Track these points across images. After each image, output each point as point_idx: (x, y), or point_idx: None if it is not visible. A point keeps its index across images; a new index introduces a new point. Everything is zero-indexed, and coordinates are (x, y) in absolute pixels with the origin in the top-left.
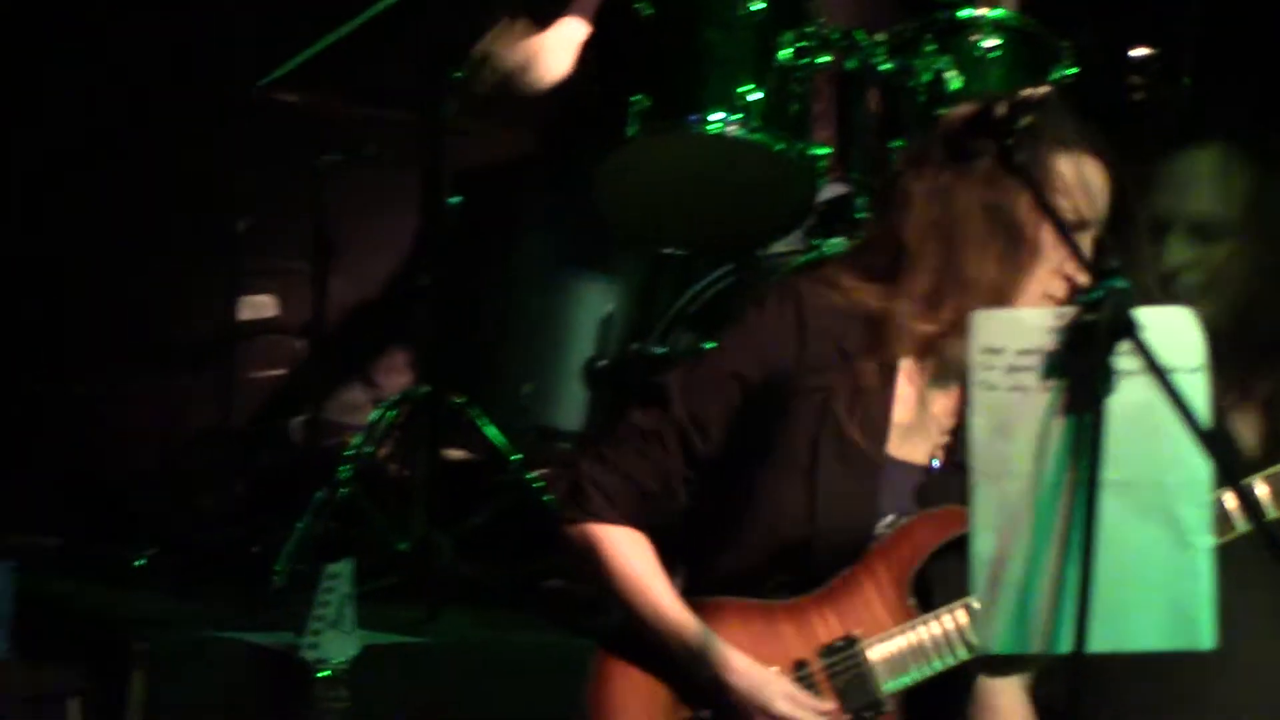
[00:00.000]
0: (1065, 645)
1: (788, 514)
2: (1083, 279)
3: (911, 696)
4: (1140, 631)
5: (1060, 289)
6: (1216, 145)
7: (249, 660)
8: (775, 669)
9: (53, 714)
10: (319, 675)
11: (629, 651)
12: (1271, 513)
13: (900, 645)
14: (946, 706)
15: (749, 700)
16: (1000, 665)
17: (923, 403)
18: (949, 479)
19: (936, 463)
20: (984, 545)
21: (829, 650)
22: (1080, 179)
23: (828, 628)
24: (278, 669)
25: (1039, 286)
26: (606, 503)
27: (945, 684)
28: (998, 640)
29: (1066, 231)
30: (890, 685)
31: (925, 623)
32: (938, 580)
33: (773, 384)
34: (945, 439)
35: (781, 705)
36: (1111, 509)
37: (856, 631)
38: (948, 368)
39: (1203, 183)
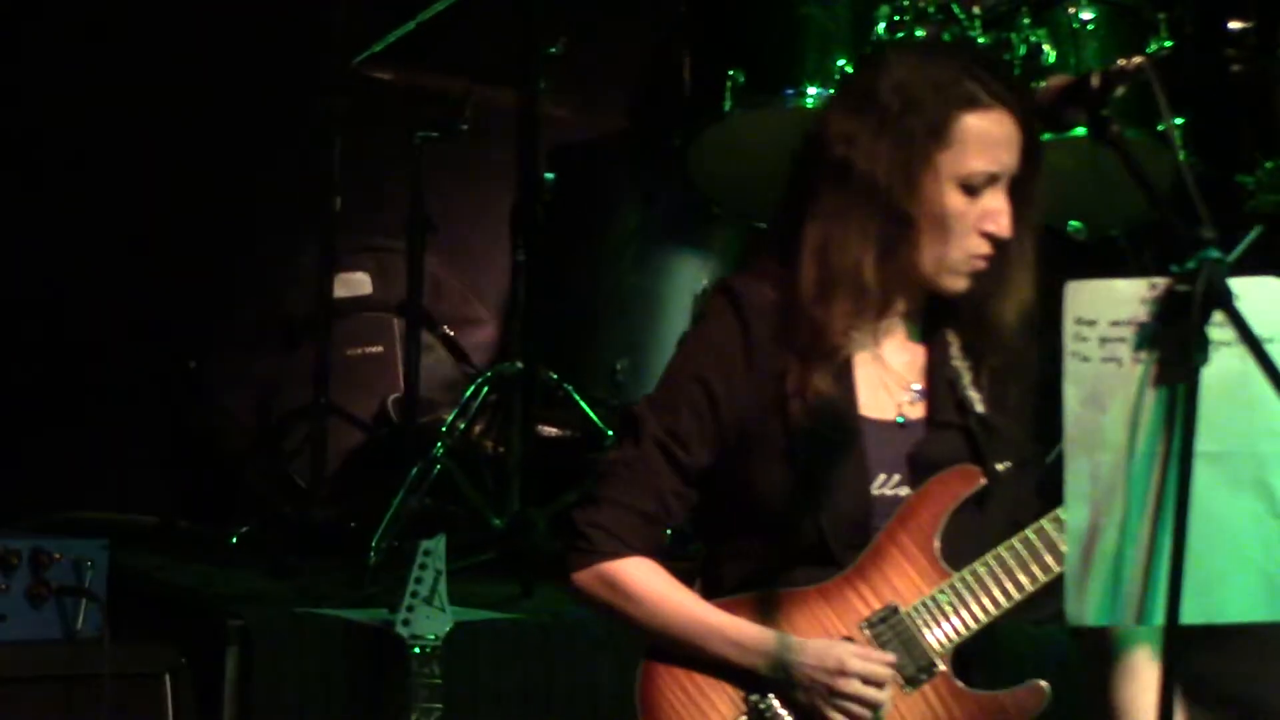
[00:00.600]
0: (1158, 617)
1: (784, 501)
2: (1004, 231)
3: (961, 653)
4: (1233, 603)
5: (979, 247)
6: None
7: (344, 637)
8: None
9: (148, 692)
10: (413, 651)
11: (674, 659)
12: None
13: (941, 604)
14: (995, 656)
15: (820, 668)
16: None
17: (880, 360)
18: (939, 437)
19: (902, 419)
20: (1077, 517)
21: (872, 622)
22: (998, 130)
23: (866, 602)
24: (372, 646)
25: (946, 252)
26: (609, 538)
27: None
28: (1091, 612)
29: (1159, 200)
30: (939, 645)
31: (962, 579)
32: (961, 538)
33: (734, 380)
34: (909, 395)
35: (855, 663)
36: (1205, 480)
37: (894, 600)
38: (906, 327)
39: None
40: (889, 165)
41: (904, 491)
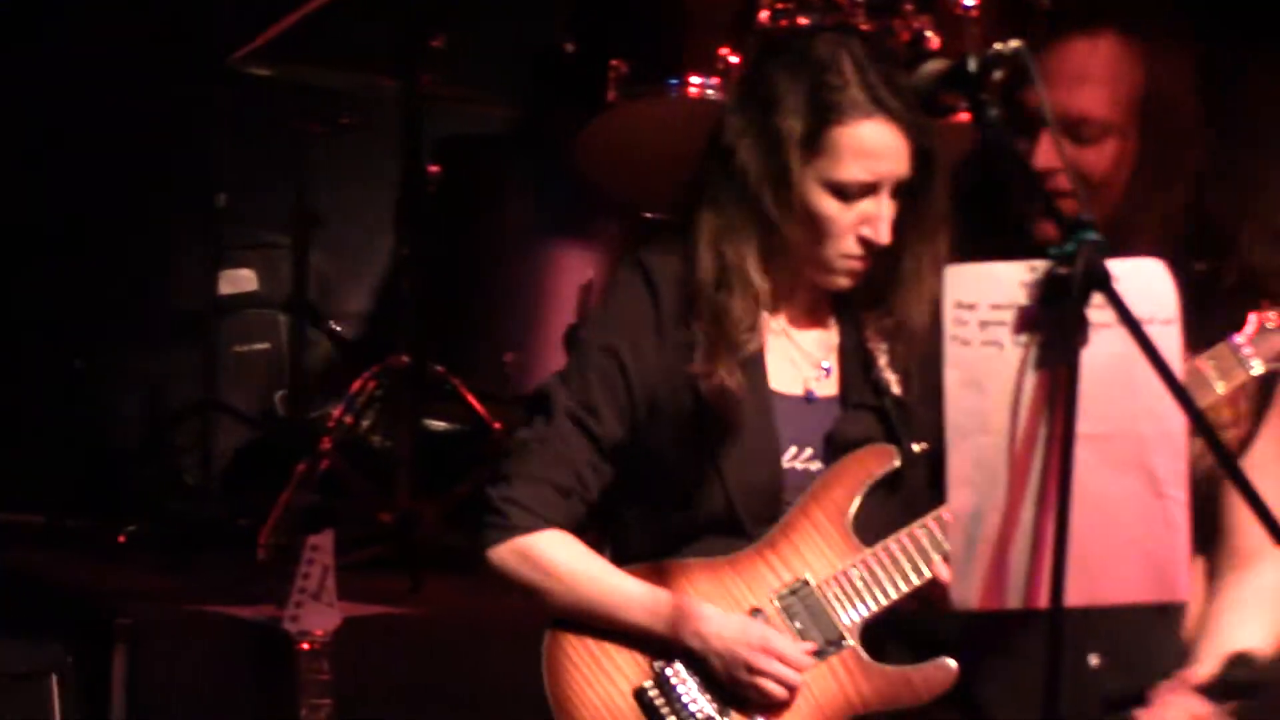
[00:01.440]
0: (1043, 600)
1: (693, 471)
2: (880, 238)
3: (870, 628)
4: (1116, 585)
5: (853, 249)
6: (1107, 38)
7: (232, 634)
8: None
9: (34, 691)
10: (301, 648)
11: (580, 627)
12: None
13: (853, 579)
14: (905, 633)
15: (743, 642)
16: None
17: (789, 336)
18: (854, 416)
19: (810, 395)
20: (960, 501)
21: (782, 594)
22: (873, 141)
23: (776, 574)
24: (261, 642)
25: (821, 253)
26: (525, 513)
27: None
28: (975, 596)
29: (1035, 183)
30: (849, 619)
31: (874, 554)
32: (874, 516)
33: (643, 350)
34: (818, 372)
35: (778, 642)
36: (1086, 462)
37: (806, 573)
38: (818, 304)
39: (1089, 80)
40: (761, 166)
41: (816, 466)
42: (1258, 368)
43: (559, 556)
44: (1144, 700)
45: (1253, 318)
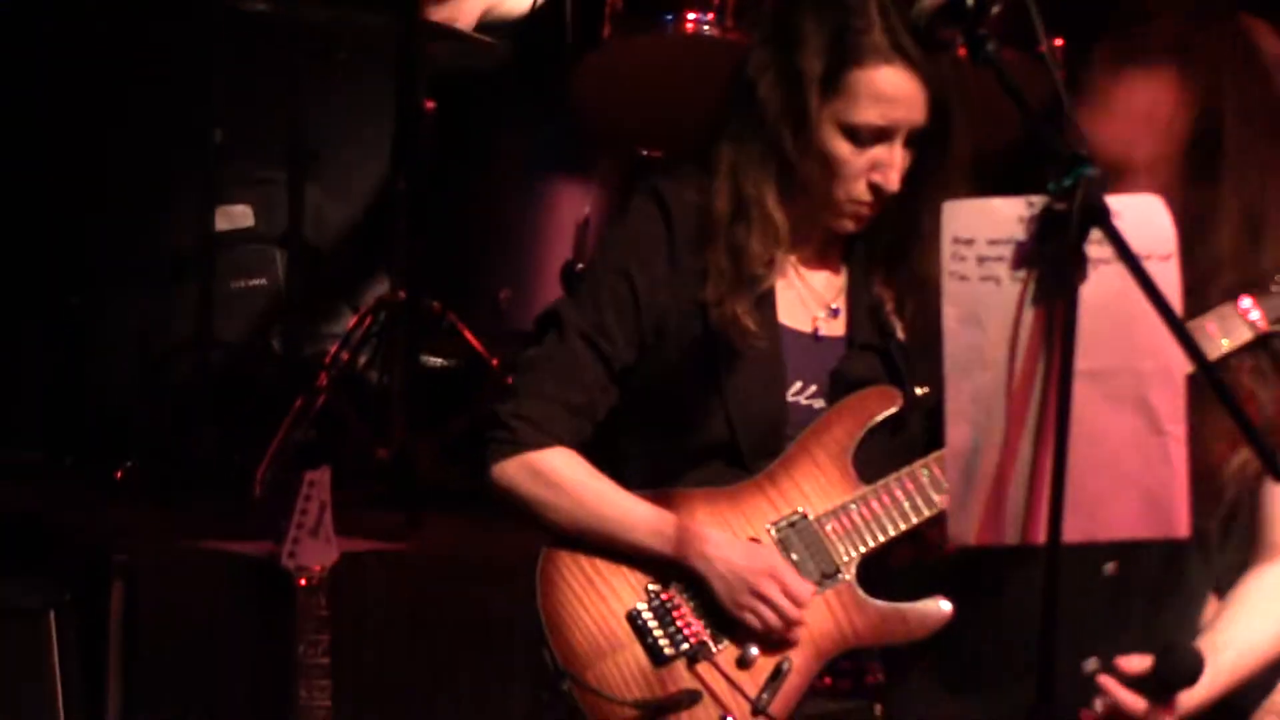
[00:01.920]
0: (1041, 536)
1: (698, 399)
2: (889, 184)
3: (866, 565)
4: (1114, 521)
5: (862, 194)
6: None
7: (230, 570)
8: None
9: (32, 628)
10: (299, 584)
11: (578, 545)
12: None
13: (851, 514)
14: (902, 576)
15: (748, 567)
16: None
17: (800, 275)
18: (859, 356)
19: (818, 333)
20: (958, 436)
21: (780, 525)
22: (889, 86)
23: (774, 507)
24: (258, 578)
25: (831, 193)
26: (534, 429)
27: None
28: (973, 531)
29: (1034, 119)
30: (845, 553)
31: (874, 492)
32: (875, 457)
33: (656, 275)
34: (825, 313)
35: (784, 572)
36: (1085, 398)
37: (803, 507)
38: (829, 247)
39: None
40: (781, 102)
41: (819, 404)
42: (1261, 326)
43: (567, 472)
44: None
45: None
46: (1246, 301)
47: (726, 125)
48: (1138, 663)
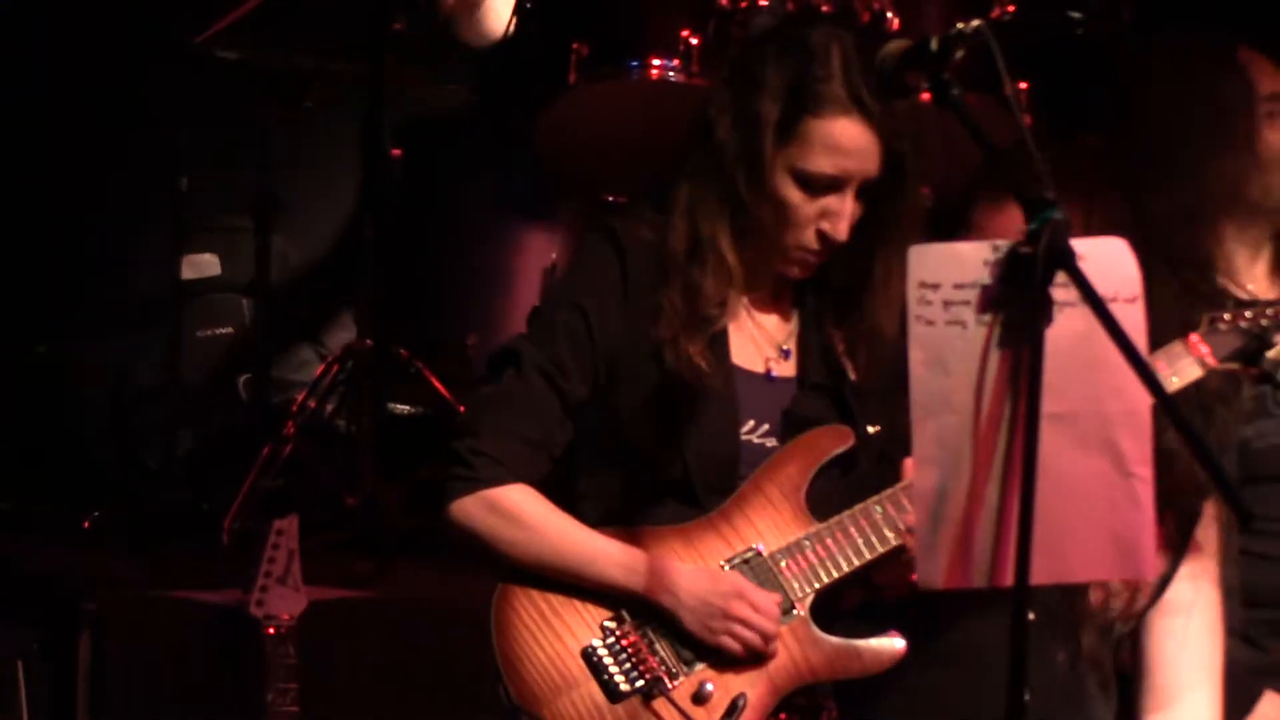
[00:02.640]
0: (1008, 578)
1: (651, 437)
2: (837, 234)
3: (819, 602)
4: (1082, 562)
5: (810, 242)
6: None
7: (198, 618)
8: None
9: (1, 677)
10: (267, 632)
11: (532, 581)
12: None
13: (805, 550)
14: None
15: (716, 591)
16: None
17: (752, 317)
18: (812, 397)
19: (770, 373)
20: (925, 480)
21: (734, 561)
22: (844, 138)
23: (728, 543)
24: (227, 627)
25: (781, 238)
26: (494, 464)
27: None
28: (941, 574)
29: (1000, 163)
30: (799, 589)
31: (828, 529)
32: (828, 495)
33: (610, 313)
34: (777, 354)
35: (750, 590)
36: (1051, 441)
37: (758, 544)
38: (781, 290)
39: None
40: (737, 145)
41: (772, 442)
42: (1210, 365)
43: (528, 508)
44: None
45: (1205, 317)
46: (1194, 336)
47: (685, 164)
48: None
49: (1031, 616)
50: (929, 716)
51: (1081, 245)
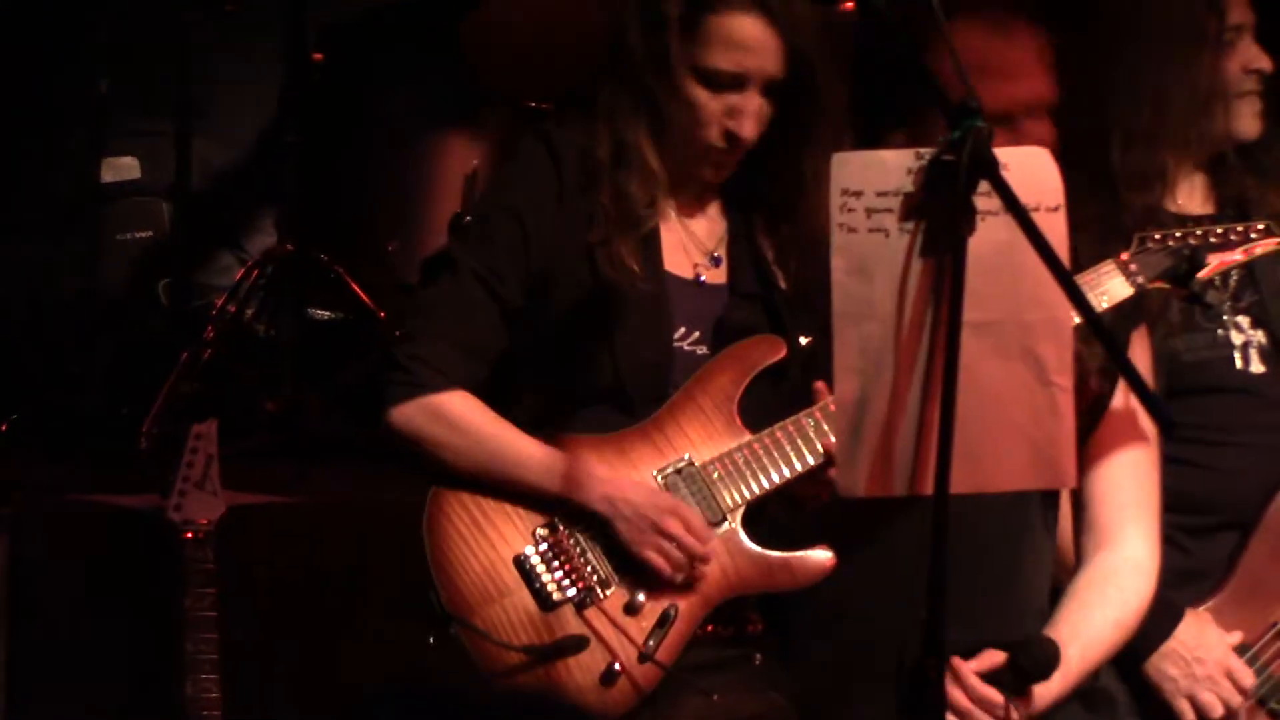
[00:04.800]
0: (929, 487)
1: (584, 341)
2: (742, 131)
3: (751, 513)
4: (1003, 472)
5: (718, 140)
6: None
7: (116, 523)
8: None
9: None
10: (185, 537)
11: (466, 487)
12: None
13: (737, 461)
14: (785, 522)
15: (651, 504)
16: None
17: (682, 224)
18: (743, 305)
19: (700, 279)
20: (846, 388)
21: (666, 471)
22: (742, 34)
23: (661, 452)
24: (145, 531)
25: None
26: (432, 371)
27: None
28: (861, 483)
29: (938, 90)
30: (731, 500)
31: (759, 440)
32: (760, 405)
33: (545, 217)
34: (707, 260)
35: (685, 510)
36: (973, 349)
37: (689, 453)
38: (712, 195)
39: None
40: (645, 47)
41: (702, 350)
42: (1140, 284)
43: (468, 415)
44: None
45: (1136, 237)
46: (1123, 256)
47: (602, 70)
48: (991, 658)
49: None
50: (853, 626)
51: (1004, 154)
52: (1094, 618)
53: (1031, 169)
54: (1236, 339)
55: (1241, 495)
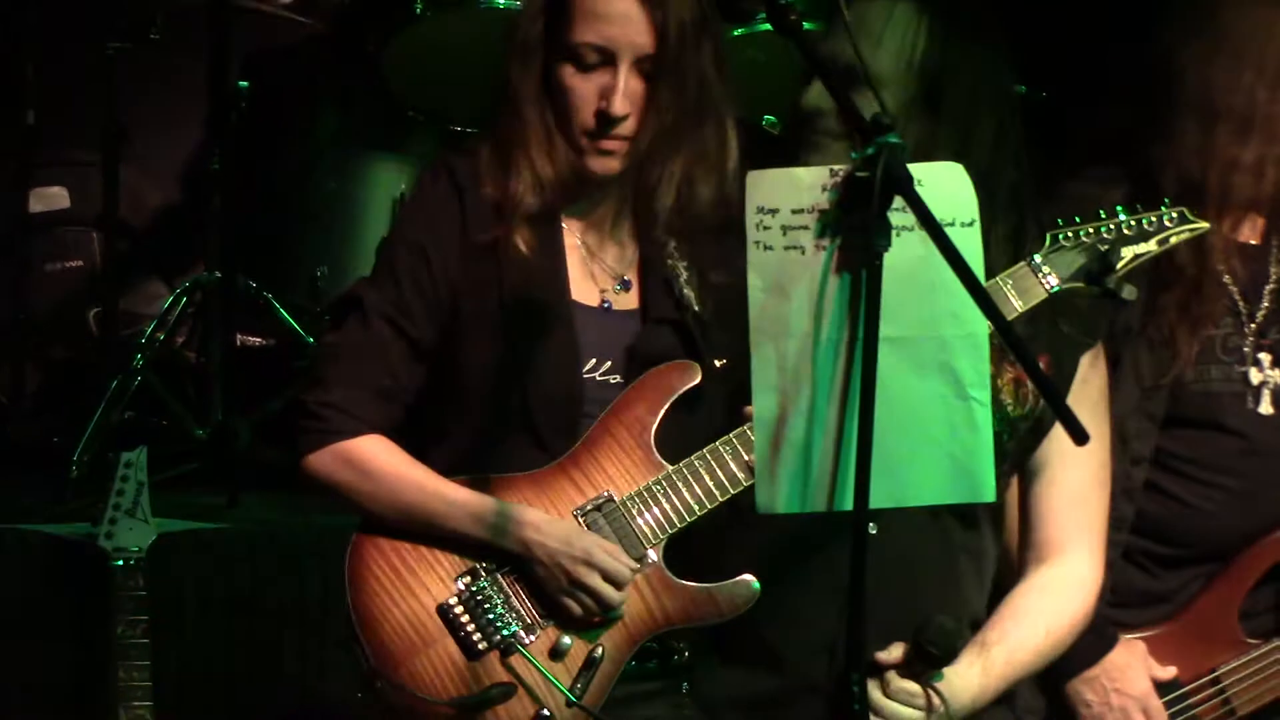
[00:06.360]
0: (848, 503)
1: (493, 377)
2: (611, 109)
3: (672, 545)
4: (921, 486)
5: (589, 123)
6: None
7: (46, 551)
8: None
9: None
10: (116, 564)
11: (388, 533)
12: None
13: (656, 495)
14: (706, 553)
15: (566, 553)
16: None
17: (589, 249)
18: (656, 332)
19: (607, 304)
20: (764, 405)
21: (585, 509)
22: (606, 5)
23: (580, 490)
24: (75, 559)
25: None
26: (345, 417)
27: (704, 532)
28: (782, 500)
29: (837, 88)
30: (652, 535)
31: (678, 472)
32: (677, 432)
33: (450, 248)
34: (615, 285)
35: (600, 557)
36: (889, 365)
37: (609, 489)
38: (620, 220)
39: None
40: (525, 37)
41: (616, 379)
42: (1054, 286)
43: (382, 460)
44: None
45: (1049, 236)
46: (1036, 257)
47: (499, 71)
48: (895, 651)
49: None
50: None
51: (919, 169)
52: (1024, 624)
53: (946, 184)
54: (1255, 377)
55: (1216, 538)
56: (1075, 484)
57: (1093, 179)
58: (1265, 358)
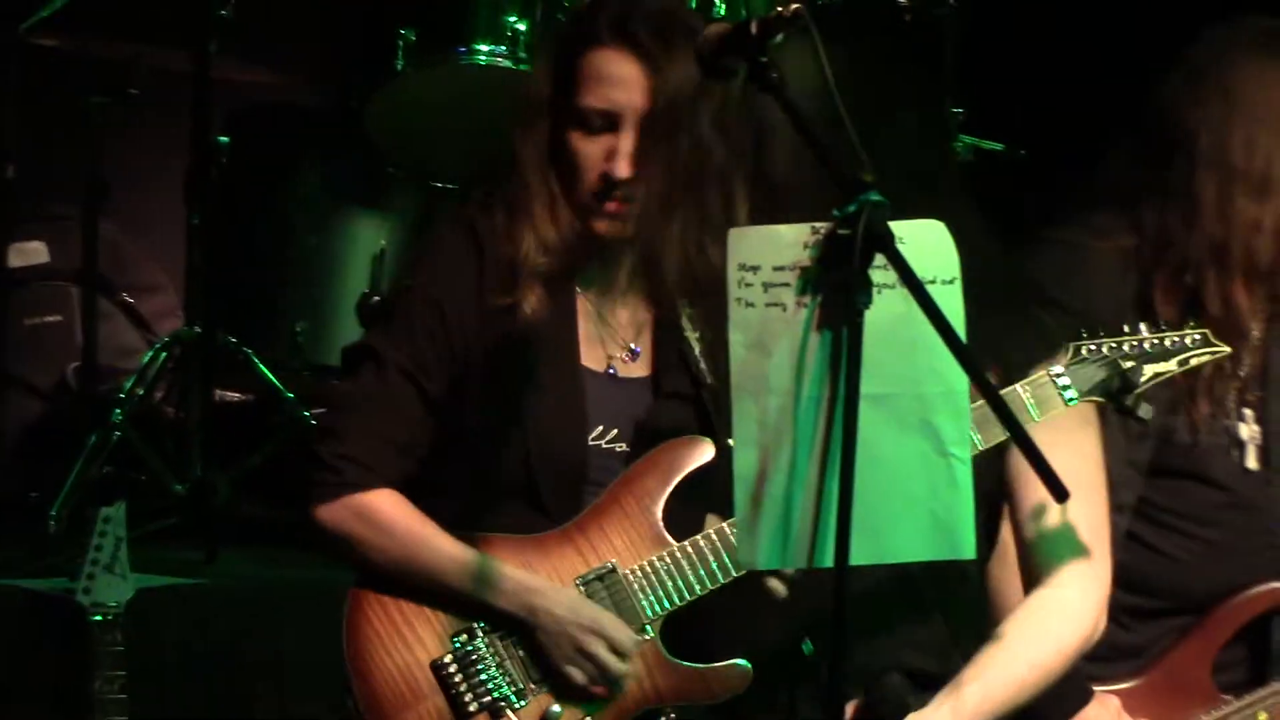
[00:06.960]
0: (829, 559)
1: (500, 433)
2: (616, 171)
3: (672, 622)
4: (902, 543)
5: (595, 186)
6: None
7: (24, 606)
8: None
9: None
10: (94, 620)
11: (386, 588)
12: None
13: (659, 571)
14: (706, 631)
15: (572, 621)
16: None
17: (599, 315)
18: (669, 406)
19: (613, 371)
20: (745, 461)
21: (587, 578)
22: (609, 68)
23: (584, 558)
24: (54, 614)
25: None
26: (361, 469)
27: (706, 609)
28: (761, 556)
29: (818, 145)
30: (651, 611)
31: (683, 550)
32: (686, 508)
33: (466, 304)
34: (624, 353)
35: (607, 627)
36: (871, 422)
37: (612, 560)
38: (633, 286)
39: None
40: (530, 102)
41: (621, 448)
42: (1073, 398)
43: (395, 516)
44: None
45: (1070, 346)
46: (1057, 368)
47: (510, 135)
48: (851, 709)
49: None
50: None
51: (900, 228)
52: (1004, 657)
53: (927, 242)
54: (1243, 432)
55: (1192, 590)
56: (1069, 519)
57: (1087, 227)
58: (1249, 413)
